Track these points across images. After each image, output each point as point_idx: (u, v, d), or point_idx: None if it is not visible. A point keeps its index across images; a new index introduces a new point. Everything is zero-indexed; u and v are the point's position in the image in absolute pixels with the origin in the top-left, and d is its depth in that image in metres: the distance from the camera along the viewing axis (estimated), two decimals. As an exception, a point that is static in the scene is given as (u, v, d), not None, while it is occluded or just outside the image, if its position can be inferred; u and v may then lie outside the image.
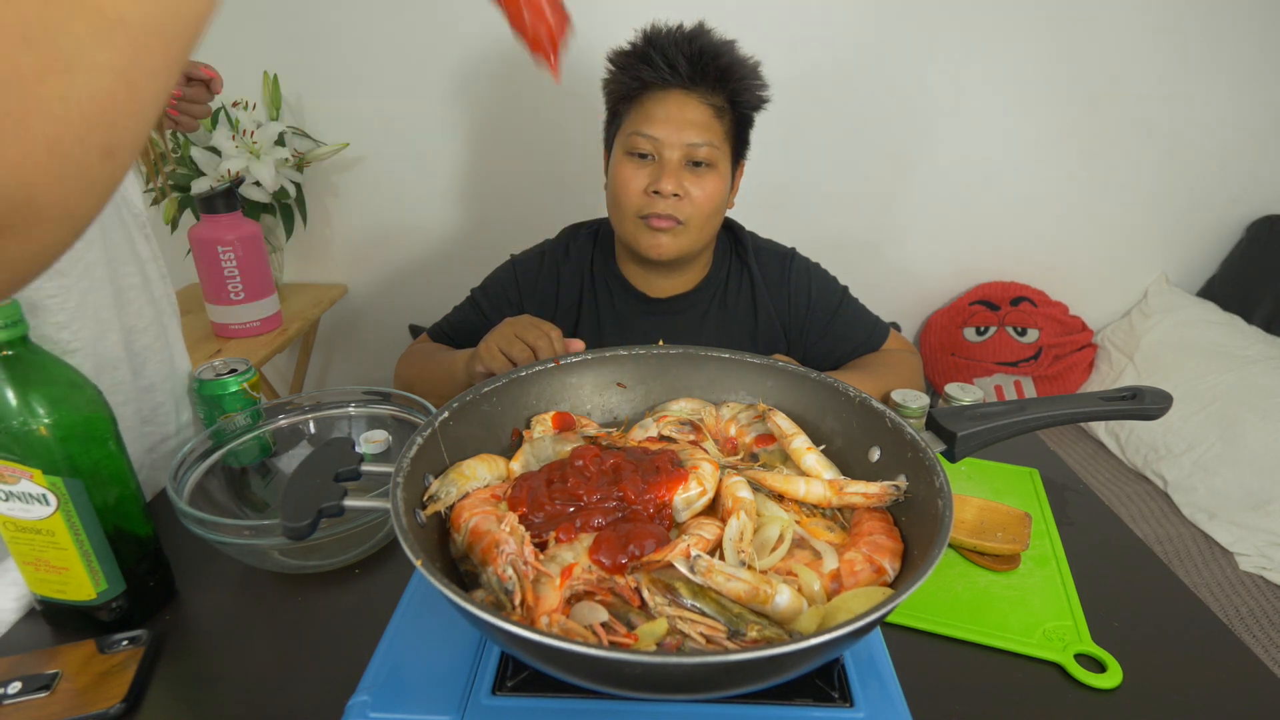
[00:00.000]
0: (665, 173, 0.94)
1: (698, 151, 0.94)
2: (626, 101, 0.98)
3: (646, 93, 0.96)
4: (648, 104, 0.95)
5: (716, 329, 1.08)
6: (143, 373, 0.78)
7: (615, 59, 0.98)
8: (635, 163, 0.96)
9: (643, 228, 0.97)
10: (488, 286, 1.12)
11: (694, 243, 0.99)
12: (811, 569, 0.50)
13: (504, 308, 1.08)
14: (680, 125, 0.93)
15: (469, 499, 0.54)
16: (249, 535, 0.60)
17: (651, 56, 0.93)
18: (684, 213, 0.95)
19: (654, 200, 0.95)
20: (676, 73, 0.93)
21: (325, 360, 2.05)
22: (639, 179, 0.96)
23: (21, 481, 0.53)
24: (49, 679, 0.53)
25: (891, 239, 1.93)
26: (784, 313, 1.09)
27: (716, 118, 0.95)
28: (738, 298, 1.09)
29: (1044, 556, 0.72)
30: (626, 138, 0.97)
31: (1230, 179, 1.88)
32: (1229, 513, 1.48)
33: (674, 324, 1.07)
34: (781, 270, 1.09)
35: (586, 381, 0.69)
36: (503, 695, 0.47)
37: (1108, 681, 0.57)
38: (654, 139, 0.94)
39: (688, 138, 0.93)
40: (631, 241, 1.00)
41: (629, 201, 0.97)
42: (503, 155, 1.79)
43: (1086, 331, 1.97)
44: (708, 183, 0.95)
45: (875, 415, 0.59)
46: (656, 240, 0.97)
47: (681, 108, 0.94)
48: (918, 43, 1.70)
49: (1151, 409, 0.58)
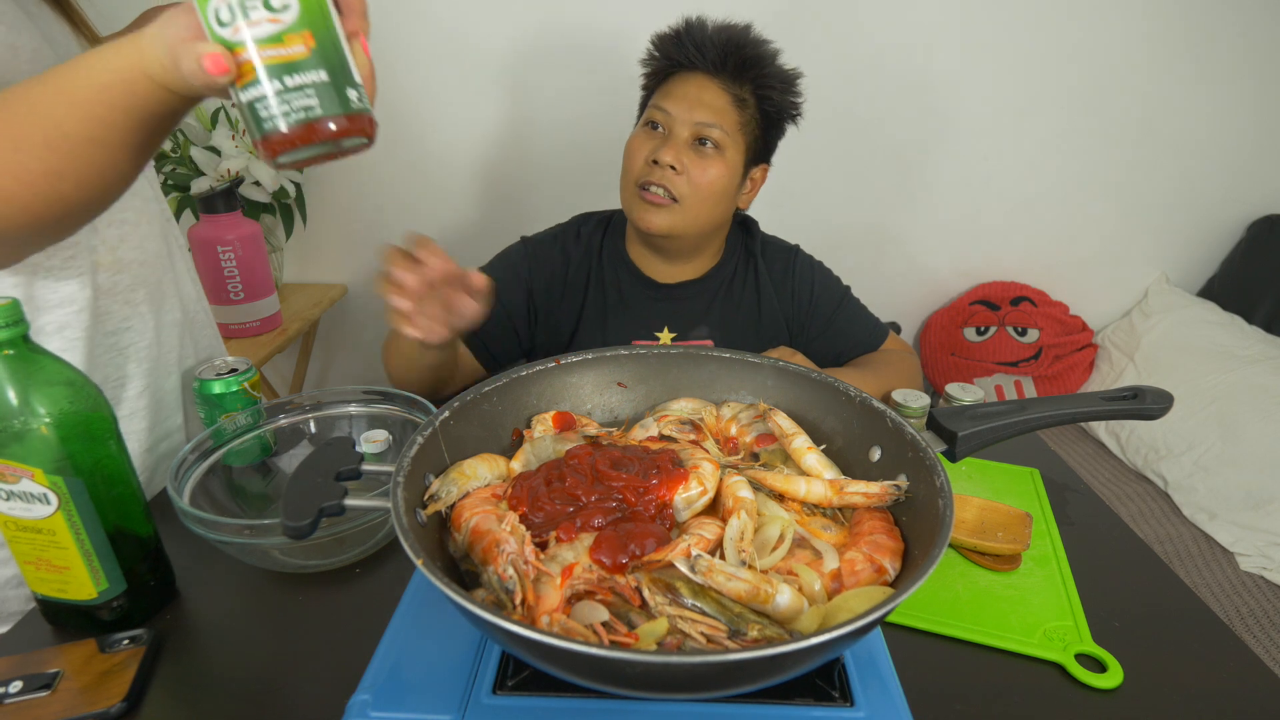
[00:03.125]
0: (668, 145, 0.95)
1: (707, 131, 0.95)
2: (656, 79, 1.02)
3: (675, 73, 0.99)
4: (672, 83, 0.98)
5: (720, 318, 1.08)
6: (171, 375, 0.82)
7: (656, 41, 1.01)
8: (646, 133, 0.99)
9: (638, 199, 0.98)
10: (495, 264, 1.11)
11: (687, 224, 0.98)
12: (812, 568, 0.50)
13: (512, 283, 1.07)
14: (695, 104, 0.95)
15: (469, 498, 0.54)
16: (249, 535, 0.60)
17: (683, 39, 0.97)
18: (679, 189, 0.95)
19: (652, 170, 0.96)
20: (703, 56, 0.95)
21: (325, 360, 2.05)
22: (645, 148, 0.97)
23: (22, 481, 0.53)
24: (50, 678, 0.53)
25: (892, 239, 1.93)
26: (787, 306, 1.10)
27: (735, 106, 0.97)
28: (743, 289, 1.09)
29: (1045, 556, 0.72)
30: (647, 112, 1.00)
31: (1230, 179, 1.88)
32: (1229, 513, 1.48)
33: (678, 310, 1.07)
34: (786, 264, 1.11)
35: (587, 381, 0.69)
36: (503, 694, 0.47)
37: (1108, 681, 0.57)
38: (668, 113, 0.96)
39: (699, 116, 0.95)
40: (628, 211, 1.01)
41: (632, 168, 0.99)
42: (503, 155, 1.79)
43: (1087, 331, 1.97)
44: (711, 165, 0.96)
45: (876, 415, 0.59)
46: (648, 213, 0.97)
47: (701, 89, 0.96)
48: (918, 43, 1.70)
49: (1152, 409, 0.58)
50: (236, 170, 1.53)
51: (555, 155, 1.79)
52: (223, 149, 1.54)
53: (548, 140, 1.77)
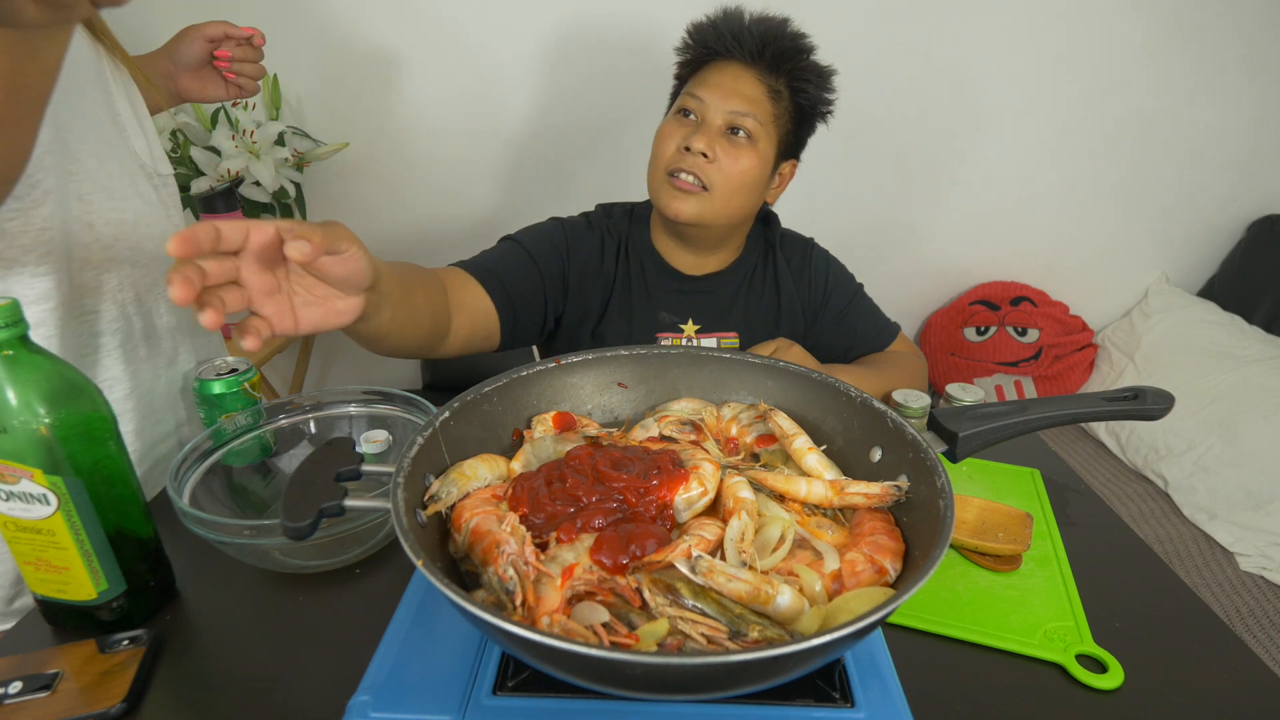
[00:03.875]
0: (701, 131, 0.95)
1: (740, 120, 0.94)
2: (689, 68, 1.01)
3: (709, 62, 0.98)
4: (706, 71, 0.98)
5: (743, 311, 1.08)
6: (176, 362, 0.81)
7: (691, 29, 1.00)
8: (679, 120, 0.98)
9: (667, 185, 0.97)
10: (531, 232, 1.07)
11: (716, 213, 0.97)
12: (813, 569, 0.50)
13: (549, 253, 1.03)
14: (729, 93, 0.95)
15: (470, 499, 0.54)
16: (249, 535, 0.60)
17: (720, 28, 0.96)
18: (710, 178, 0.95)
19: (684, 157, 0.95)
20: (740, 45, 0.95)
21: (325, 360, 2.05)
22: (677, 135, 0.96)
23: (22, 481, 0.53)
24: (50, 679, 0.53)
25: (892, 239, 1.93)
26: (804, 295, 1.10)
27: (769, 98, 0.96)
28: (764, 283, 1.10)
29: (1045, 557, 0.72)
30: (680, 99, 0.99)
31: (1230, 179, 1.88)
32: (1229, 513, 1.48)
33: (701, 302, 1.07)
34: (803, 255, 1.11)
35: (587, 381, 0.69)
36: (503, 695, 0.47)
37: (1109, 682, 0.57)
38: (701, 100, 0.95)
39: (733, 105, 0.94)
40: (655, 197, 1.00)
41: (662, 154, 0.97)
42: (503, 155, 1.79)
43: (1087, 331, 1.97)
44: (743, 155, 0.95)
45: (877, 415, 0.59)
46: (676, 200, 0.96)
47: (736, 79, 0.95)
48: (918, 44, 1.70)
49: (1153, 409, 0.58)
50: (236, 170, 1.53)
51: (556, 155, 1.79)
52: (223, 149, 1.53)
53: (548, 140, 1.77)
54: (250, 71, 0.93)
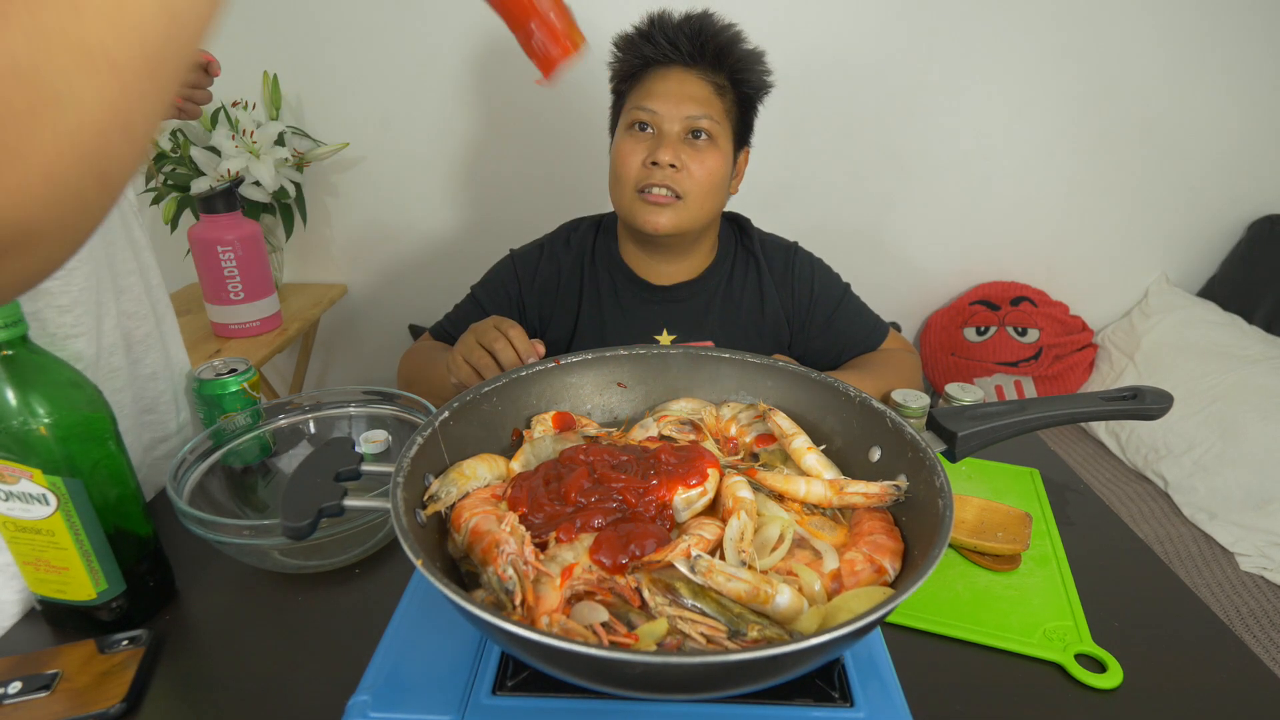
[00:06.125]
0: (664, 144, 0.95)
1: (698, 123, 0.95)
2: (629, 81, 1.00)
3: (648, 70, 0.98)
4: (649, 81, 0.97)
5: (721, 319, 1.07)
6: (142, 361, 0.78)
7: (619, 42, 1.00)
8: (635, 136, 0.98)
9: (639, 202, 0.97)
10: (487, 282, 1.12)
11: (693, 219, 0.98)
12: (812, 569, 0.50)
13: (503, 302, 1.08)
14: (680, 99, 0.95)
15: (469, 499, 0.54)
16: (249, 535, 0.60)
17: (654, 35, 0.96)
18: (682, 186, 0.95)
19: (652, 172, 0.95)
20: (678, 50, 0.95)
21: (325, 360, 2.05)
22: (638, 151, 0.97)
23: (21, 481, 0.53)
24: (49, 679, 0.53)
25: (891, 239, 1.93)
26: (788, 304, 1.09)
27: (717, 95, 0.97)
28: (743, 289, 1.09)
29: (1044, 556, 0.72)
30: (628, 114, 0.99)
31: (1230, 179, 1.88)
32: (1229, 513, 1.48)
33: (677, 312, 1.07)
34: (786, 261, 1.10)
35: (587, 381, 0.69)
36: (503, 695, 0.47)
37: (1108, 681, 0.57)
38: (654, 112, 0.96)
39: (687, 111, 0.95)
40: (629, 217, 1.00)
41: (628, 174, 0.97)
42: (503, 155, 1.79)
43: (1087, 331, 1.97)
44: (707, 157, 0.96)
45: (876, 415, 0.59)
46: (653, 215, 0.97)
47: (682, 83, 0.96)
48: (918, 42, 1.70)
49: (1152, 409, 0.58)
50: (236, 170, 1.53)
51: (555, 155, 1.79)
52: (222, 149, 1.54)
53: (548, 140, 1.77)
54: (197, 98, 0.93)
